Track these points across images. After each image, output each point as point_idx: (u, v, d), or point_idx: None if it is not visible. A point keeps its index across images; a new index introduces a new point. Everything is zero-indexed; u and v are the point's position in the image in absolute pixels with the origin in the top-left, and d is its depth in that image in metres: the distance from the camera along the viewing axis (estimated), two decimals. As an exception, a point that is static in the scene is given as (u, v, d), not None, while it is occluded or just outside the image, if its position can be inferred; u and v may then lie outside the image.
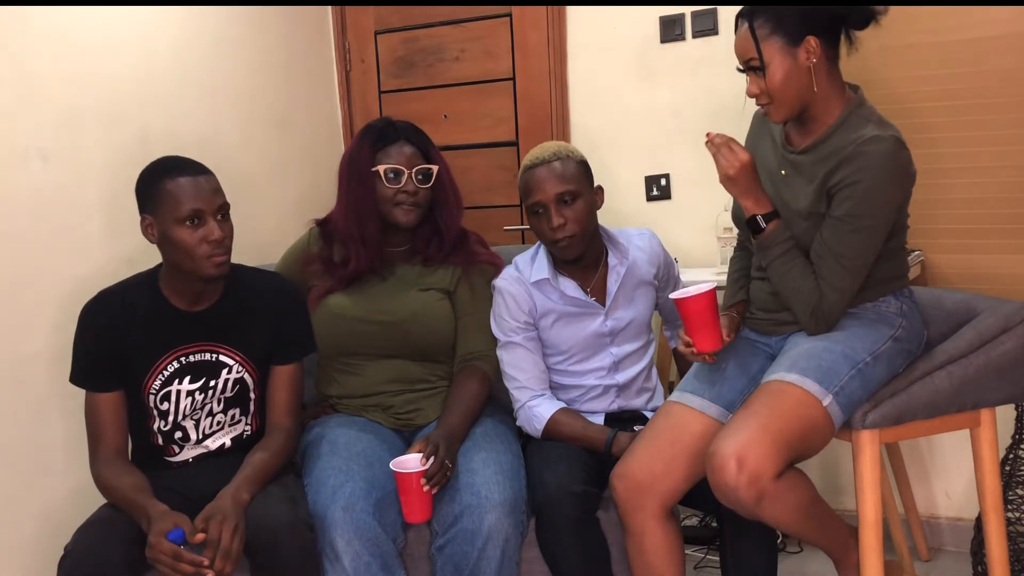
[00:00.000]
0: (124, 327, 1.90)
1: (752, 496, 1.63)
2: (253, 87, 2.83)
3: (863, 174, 1.69)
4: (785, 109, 1.79)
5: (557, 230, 2.02)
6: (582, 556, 1.88)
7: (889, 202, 1.72)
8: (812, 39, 1.72)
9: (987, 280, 2.42)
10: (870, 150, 1.69)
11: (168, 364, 1.92)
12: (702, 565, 2.60)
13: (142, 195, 1.89)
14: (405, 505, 1.84)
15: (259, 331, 1.98)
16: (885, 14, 1.76)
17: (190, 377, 1.93)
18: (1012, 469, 2.26)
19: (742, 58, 1.79)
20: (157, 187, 1.85)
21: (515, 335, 2.11)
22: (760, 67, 1.75)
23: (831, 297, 1.77)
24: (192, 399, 1.94)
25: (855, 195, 1.70)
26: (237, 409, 2.00)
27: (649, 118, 2.89)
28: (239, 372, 1.97)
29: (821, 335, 1.81)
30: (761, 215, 1.82)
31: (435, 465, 1.83)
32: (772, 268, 1.82)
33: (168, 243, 1.86)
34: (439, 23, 3.16)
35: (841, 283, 1.76)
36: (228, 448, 1.99)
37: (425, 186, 2.12)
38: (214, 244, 1.85)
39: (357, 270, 2.14)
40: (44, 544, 1.99)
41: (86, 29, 2.24)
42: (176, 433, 1.95)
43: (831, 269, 1.75)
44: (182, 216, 1.83)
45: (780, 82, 1.75)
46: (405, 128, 2.17)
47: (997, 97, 2.37)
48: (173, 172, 1.85)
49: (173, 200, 1.83)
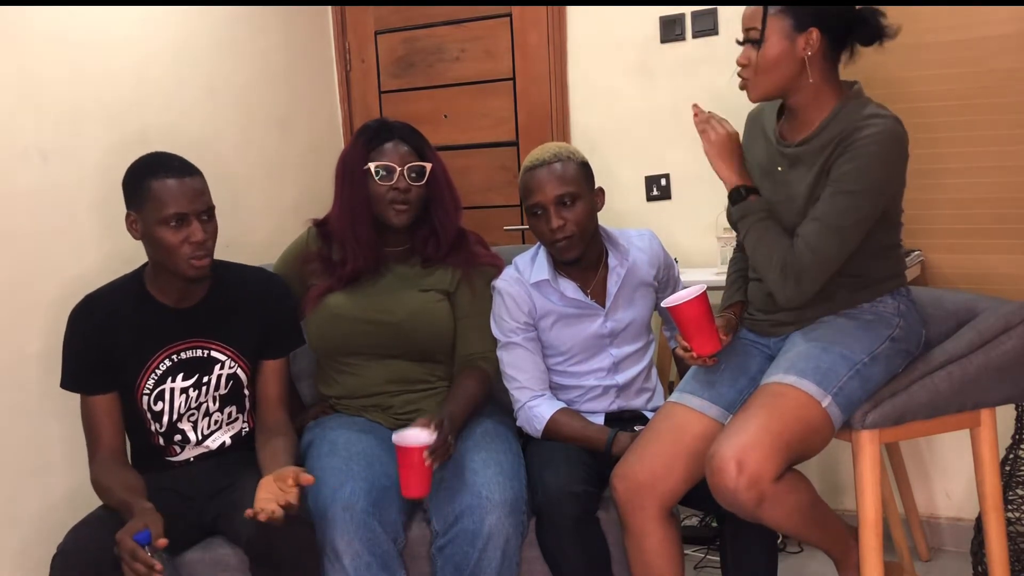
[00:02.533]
0: (112, 329, 1.90)
1: (752, 499, 1.63)
2: (253, 87, 2.84)
3: (860, 144, 1.69)
4: (762, 88, 1.80)
5: (556, 231, 2.02)
6: (582, 556, 1.88)
7: (881, 174, 1.71)
8: (815, 32, 1.73)
9: (987, 280, 2.42)
10: (870, 123, 1.70)
11: (160, 363, 1.92)
12: (702, 565, 2.60)
13: (128, 191, 1.89)
14: (404, 480, 1.82)
15: (248, 326, 1.99)
16: (893, 37, 1.77)
17: (183, 374, 1.93)
18: (1012, 469, 2.26)
19: (745, 25, 1.80)
20: (143, 185, 1.85)
21: (515, 336, 2.11)
22: (759, 40, 1.76)
23: (805, 256, 1.73)
24: (186, 396, 1.94)
25: (849, 161, 1.70)
26: (234, 407, 2.00)
27: (649, 118, 2.89)
28: (232, 367, 1.97)
29: (818, 337, 1.80)
30: (743, 186, 1.84)
31: (439, 439, 1.81)
32: (749, 236, 1.82)
33: (150, 241, 1.86)
34: (439, 23, 3.16)
35: (817, 242, 1.72)
36: (228, 447, 1.99)
37: (418, 183, 2.12)
38: (196, 246, 1.84)
39: (355, 270, 2.14)
40: (41, 544, 1.98)
41: (86, 29, 2.24)
42: (175, 435, 1.96)
43: (810, 227, 1.74)
44: (165, 217, 1.82)
45: (770, 60, 1.76)
46: (399, 127, 2.17)
47: (997, 97, 2.36)
48: (160, 172, 1.85)
49: (158, 200, 1.83)
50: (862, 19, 1.76)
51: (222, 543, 1.88)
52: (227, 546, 1.86)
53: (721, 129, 1.85)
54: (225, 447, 1.99)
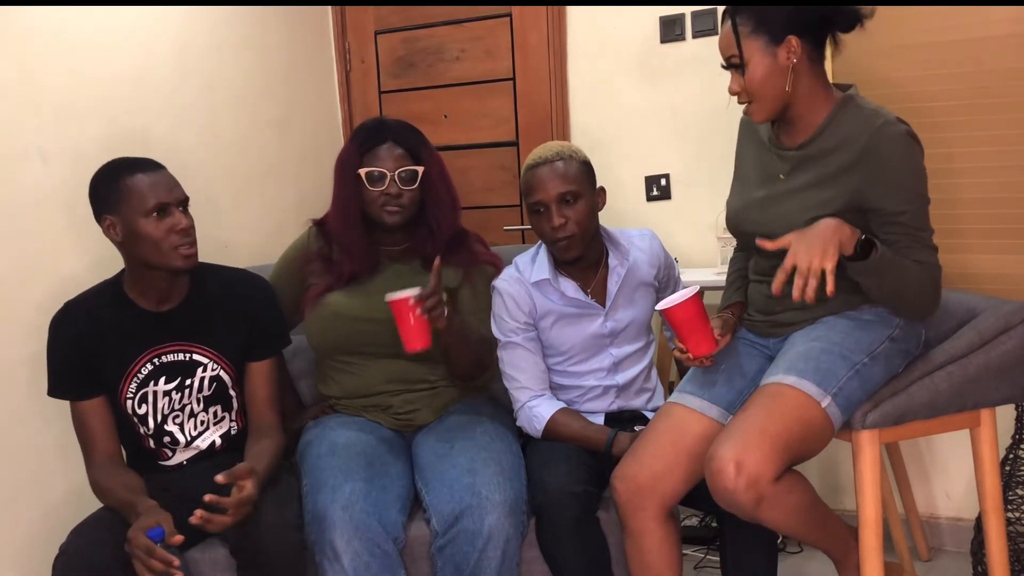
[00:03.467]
0: (93, 334, 1.90)
1: (751, 500, 1.63)
2: (253, 87, 2.84)
3: (896, 166, 1.68)
4: (766, 109, 1.79)
5: (557, 230, 2.02)
6: (582, 556, 1.88)
7: (923, 171, 1.71)
8: (794, 39, 1.72)
9: (987, 280, 2.41)
10: (886, 135, 1.68)
11: (142, 366, 1.92)
12: (702, 565, 2.60)
13: (101, 196, 1.88)
14: (403, 335, 1.87)
15: (231, 328, 1.99)
16: (871, 17, 1.75)
17: (165, 377, 1.94)
18: (1012, 469, 2.26)
19: (724, 55, 1.79)
20: (116, 186, 1.85)
21: (515, 335, 2.11)
22: (740, 65, 1.75)
23: (926, 275, 1.73)
24: (169, 399, 1.94)
25: (899, 188, 1.69)
26: (218, 406, 2.00)
27: (649, 118, 2.89)
28: (214, 370, 1.97)
29: (818, 337, 1.79)
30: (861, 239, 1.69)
31: (427, 290, 1.85)
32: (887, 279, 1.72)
33: (134, 239, 1.85)
34: (439, 23, 3.16)
35: (931, 257, 1.74)
36: (219, 447, 1.99)
37: (410, 188, 2.11)
38: (182, 234, 1.86)
39: (352, 271, 2.14)
40: (41, 545, 1.98)
41: (86, 29, 2.24)
42: (164, 437, 1.96)
43: (920, 254, 1.73)
44: (147, 209, 1.83)
45: (759, 81, 1.75)
46: (396, 128, 2.15)
47: (997, 97, 2.36)
48: (130, 170, 1.86)
49: (137, 195, 1.83)
50: (835, 9, 1.74)
51: (220, 543, 1.88)
52: (225, 546, 1.86)
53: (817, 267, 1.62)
54: (216, 447, 1.99)
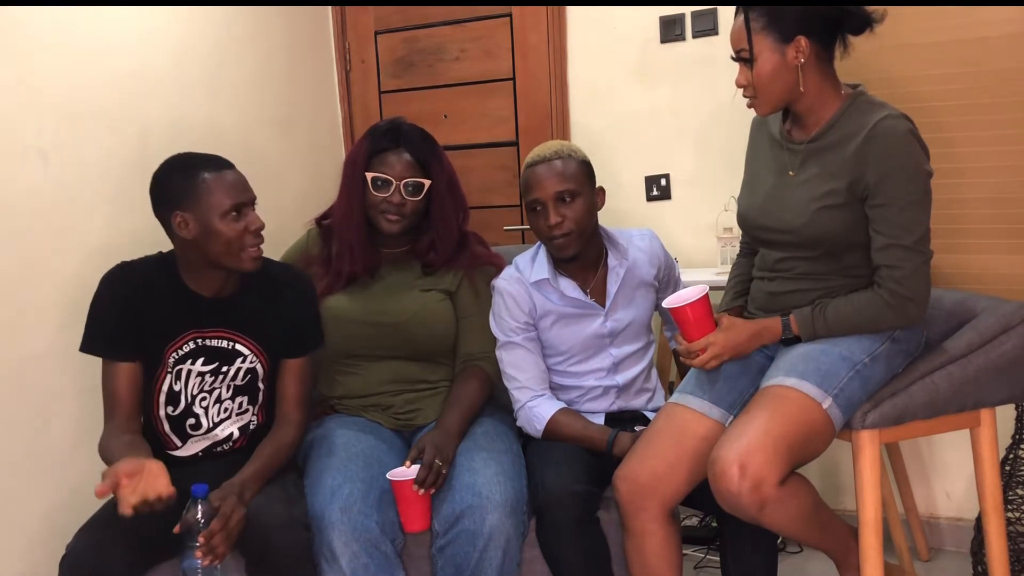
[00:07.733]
0: (143, 301, 1.89)
1: (755, 503, 1.63)
2: (253, 87, 2.83)
3: (889, 157, 1.69)
4: (769, 103, 1.81)
5: (554, 227, 2.01)
6: (583, 556, 1.88)
7: (920, 169, 1.71)
8: (803, 39, 1.73)
9: (987, 280, 2.41)
10: (886, 127, 1.69)
11: (185, 343, 1.92)
12: (702, 565, 2.60)
13: (171, 193, 1.86)
14: (403, 514, 1.86)
15: (274, 322, 1.99)
16: (882, 21, 1.76)
17: (204, 359, 1.93)
18: (1012, 469, 2.26)
19: (734, 47, 1.81)
20: (194, 181, 1.84)
21: (515, 335, 2.11)
22: (750, 59, 1.77)
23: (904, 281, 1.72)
24: (201, 379, 1.93)
25: (890, 179, 1.70)
26: (245, 397, 2.00)
27: (649, 118, 2.89)
28: (252, 362, 1.98)
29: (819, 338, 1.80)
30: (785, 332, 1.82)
31: (422, 470, 1.84)
32: (837, 324, 1.78)
33: (208, 237, 1.85)
34: (439, 23, 3.16)
35: (906, 262, 1.72)
36: (236, 440, 1.99)
37: (414, 198, 2.11)
38: (255, 234, 1.87)
39: (352, 272, 2.14)
40: (46, 544, 1.98)
41: (86, 29, 2.24)
42: (189, 419, 1.95)
43: (893, 256, 1.72)
44: (225, 209, 1.84)
45: (766, 77, 1.77)
46: (409, 134, 2.14)
47: (997, 97, 2.36)
48: (210, 166, 1.86)
49: (217, 193, 1.84)
50: (846, 11, 1.75)
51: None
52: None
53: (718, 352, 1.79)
54: (233, 439, 1.99)
